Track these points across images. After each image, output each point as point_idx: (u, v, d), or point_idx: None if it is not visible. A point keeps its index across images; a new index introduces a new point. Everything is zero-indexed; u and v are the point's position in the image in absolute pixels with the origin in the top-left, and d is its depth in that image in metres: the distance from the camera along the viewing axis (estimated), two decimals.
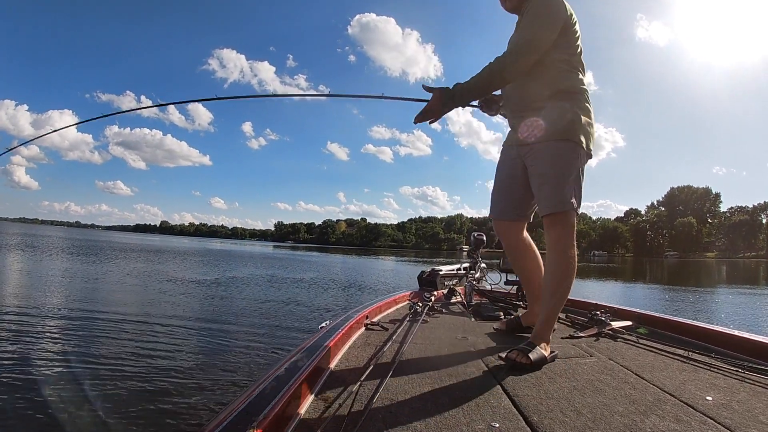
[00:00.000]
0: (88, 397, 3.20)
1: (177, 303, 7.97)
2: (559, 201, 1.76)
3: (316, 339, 1.65)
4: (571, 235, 1.79)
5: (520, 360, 1.56)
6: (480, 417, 1.15)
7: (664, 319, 2.44)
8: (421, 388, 1.37)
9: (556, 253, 1.77)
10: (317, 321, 3.15)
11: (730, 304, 12.93)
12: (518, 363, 1.55)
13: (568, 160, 1.78)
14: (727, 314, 10.30)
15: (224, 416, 0.94)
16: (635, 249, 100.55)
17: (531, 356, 1.56)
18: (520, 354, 1.57)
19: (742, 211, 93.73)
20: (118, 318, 6.22)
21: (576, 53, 1.85)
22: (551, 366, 1.62)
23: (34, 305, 6.87)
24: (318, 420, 1.12)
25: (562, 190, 1.76)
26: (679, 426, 1.10)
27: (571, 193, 1.77)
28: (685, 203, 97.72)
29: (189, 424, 2.91)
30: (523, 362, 1.55)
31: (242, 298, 9.16)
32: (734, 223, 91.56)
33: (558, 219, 1.78)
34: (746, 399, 1.31)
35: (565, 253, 1.76)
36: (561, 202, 1.77)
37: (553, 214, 1.78)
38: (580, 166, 1.82)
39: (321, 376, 1.44)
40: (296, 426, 1.08)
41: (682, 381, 1.47)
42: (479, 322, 2.57)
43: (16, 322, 5.59)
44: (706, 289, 17.69)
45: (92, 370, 3.80)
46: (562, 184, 1.77)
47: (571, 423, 1.11)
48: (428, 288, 3.57)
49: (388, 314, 2.71)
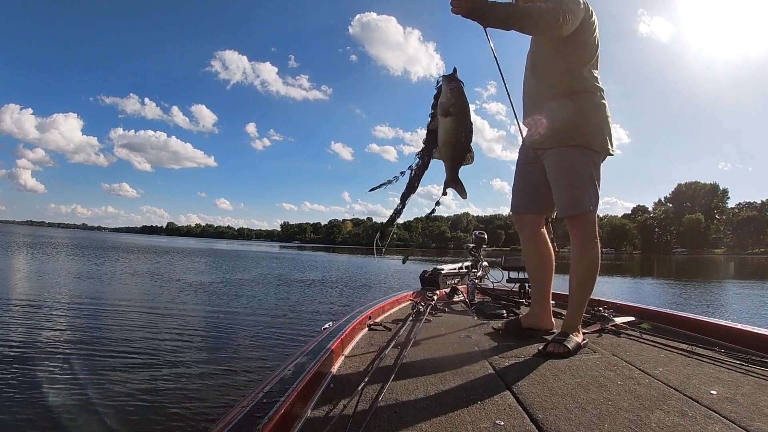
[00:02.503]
0: (94, 397, 3.21)
1: (182, 304, 8.01)
2: (575, 204, 1.86)
3: (319, 340, 1.66)
4: (593, 233, 1.89)
5: (558, 350, 1.68)
6: (485, 415, 1.15)
7: (667, 314, 2.44)
8: (425, 387, 1.37)
9: (580, 251, 1.90)
10: (321, 321, 3.16)
11: (741, 299, 12.79)
12: (557, 354, 1.67)
13: (579, 165, 1.85)
14: (736, 310, 10.19)
15: (231, 417, 0.95)
16: (643, 246, 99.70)
17: (568, 345, 1.70)
18: (557, 345, 1.70)
19: (750, 207, 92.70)
20: (124, 318, 6.29)
21: (592, 49, 1.87)
22: (555, 363, 1.62)
23: (42, 304, 6.96)
24: (323, 421, 1.13)
25: (577, 194, 1.85)
26: (684, 420, 1.09)
27: (586, 195, 1.85)
28: (692, 199, 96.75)
29: (195, 425, 2.92)
30: (562, 351, 1.67)
31: (248, 299, 9.19)
32: (742, 219, 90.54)
33: (577, 220, 1.88)
34: (751, 392, 1.31)
35: (588, 250, 1.89)
36: (576, 205, 1.86)
37: (572, 216, 1.88)
38: (594, 168, 1.87)
39: (325, 377, 1.44)
40: (302, 427, 1.09)
41: (686, 375, 1.47)
42: (482, 321, 2.57)
43: (23, 320, 5.68)
44: (716, 285, 17.53)
45: (98, 371, 3.83)
46: (576, 188, 1.85)
47: (576, 419, 1.11)
48: (430, 287, 3.57)
49: (391, 314, 2.71)
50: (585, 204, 1.86)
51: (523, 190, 2.13)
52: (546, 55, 1.92)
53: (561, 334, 1.80)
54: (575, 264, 1.92)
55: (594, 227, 1.91)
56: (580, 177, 1.86)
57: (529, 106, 2.03)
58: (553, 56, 1.87)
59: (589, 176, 1.86)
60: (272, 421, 0.93)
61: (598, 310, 2.41)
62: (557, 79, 1.88)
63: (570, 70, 1.85)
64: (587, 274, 1.91)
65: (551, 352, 1.68)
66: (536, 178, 2.04)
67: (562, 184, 1.89)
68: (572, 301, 1.93)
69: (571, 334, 1.78)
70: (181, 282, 11.71)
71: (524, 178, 2.12)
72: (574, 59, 1.85)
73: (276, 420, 0.95)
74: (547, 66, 1.91)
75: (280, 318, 7.17)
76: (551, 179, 1.94)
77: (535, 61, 1.98)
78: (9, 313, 6.16)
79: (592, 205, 1.86)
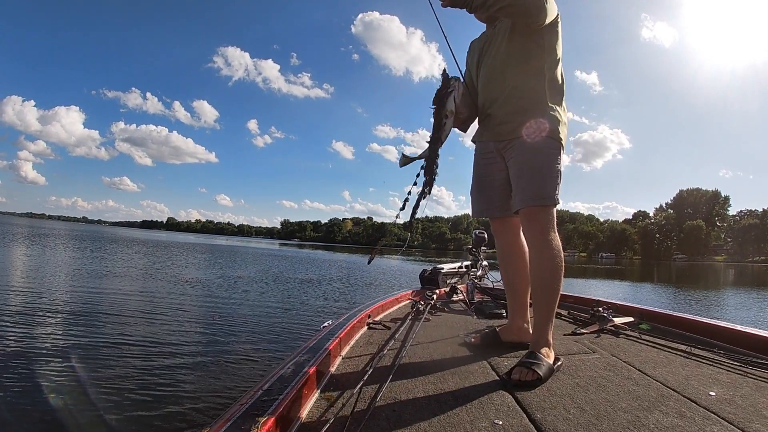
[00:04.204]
0: (92, 395, 3.19)
1: (180, 301, 7.99)
2: (543, 193, 1.68)
3: (318, 338, 1.66)
4: (553, 226, 1.70)
5: (527, 378, 1.40)
6: (483, 414, 1.15)
7: (666, 315, 2.43)
8: (424, 386, 1.37)
9: (542, 248, 1.68)
10: (321, 319, 3.15)
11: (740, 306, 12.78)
12: (526, 382, 1.39)
13: (550, 155, 1.72)
14: (735, 316, 10.18)
15: (228, 416, 0.94)
16: (643, 251, 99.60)
17: (538, 370, 1.41)
18: (525, 371, 1.41)
19: (752, 215, 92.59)
20: (121, 314, 6.26)
21: (560, 49, 1.79)
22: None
23: (39, 297, 6.97)
24: (322, 419, 1.13)
25: (545, 183, 1.69)
26: (682, 421, 1.09)
27: (554, 186, 1.70)
28: (693, 206, 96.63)
29: (192, 424, 2.89)
30: (530, 379, 1.39)
31: (247, 296, 9.19)
32: (743, 226, 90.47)
33: (542, 212, 1.69)
34: (749, 394, 1.31)
35: (551, 245, 1.67)
36: (545, 195, 1.69)
37: (534, 207, 1.69)
38: (560, 162, 1.74)
39: (324, 375, 1.44)
40: (300, 425, 1.09)
41: (685, 376, 1.47)
42: (481, 320, 2.57)
43: (19, 315, 5.66)
44: (714, 293, 17.51)
45: (95, 369, 3.81)
46: (545, 177, 1.69)
47: (575, 420, 1.11)
48: (430, 286, 3.57)
49: (390, 313, 2.71)
50: (553, 195, 1.69)
51: (488, 192, 1.93)
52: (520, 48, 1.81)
53: (529, 355, 1.51)
54: (537, 264, 1.70)
55: (555, 221, 1.71)
56: (552, 166, 1.71)
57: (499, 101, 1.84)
58: (528, 53, 1.76)
59: (559, 169, 1.73)
60: (270, 420, 0.93)
61: (597, 311, 2.41)
62: (531, 75, 1.76)
63: (544, 68, 1.76)
64: (553, 273, 1.66)
65: (518, 380, 1.39)
66: (500, 177, 1.86)
67: (531, 171, 1.71)
68: (538, 310, 1.67)
69: (541, 354, 1.52)
70: (180, 278, 11.71)
71: (486, 178, 1.93)
72: (547, 57, 1.76)
73: (274, 419, 0.94)
74: (521, 61, 1.77)
75: (279, 316, 7.16)
76: (518, 167, 1.75)
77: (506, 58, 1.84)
78: (4, 307, 6.14)
79: (558, 197, 1.71)
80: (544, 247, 1.67)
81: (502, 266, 2.03)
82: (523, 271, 1.90)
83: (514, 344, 1.87)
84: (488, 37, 1.91)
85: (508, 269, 1.99)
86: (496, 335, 1.95)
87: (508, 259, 1.98)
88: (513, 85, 1.77)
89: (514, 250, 1.95)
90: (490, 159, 1.89)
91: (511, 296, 2.00)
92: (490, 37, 1.89)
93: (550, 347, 1.59)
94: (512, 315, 1.98)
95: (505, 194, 1.85)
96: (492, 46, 1.86)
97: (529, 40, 1.75)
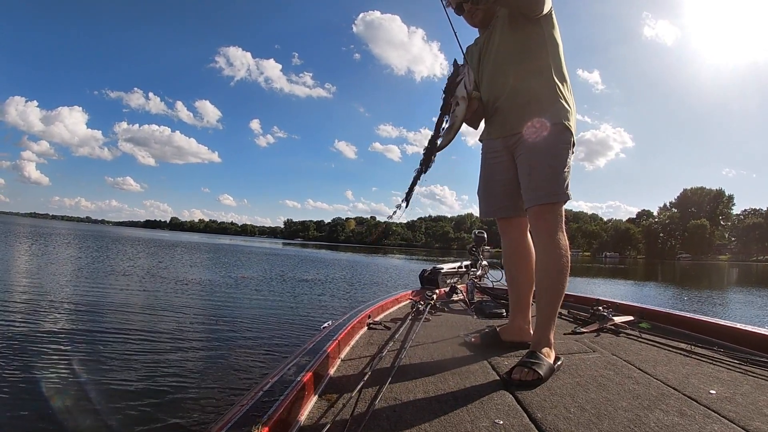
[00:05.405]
0: (92, 396, 3.19)
1: (182, 301, 7.99)
2: (557, 190, 1.65)
3: (318, 339, 1.66)
4: (561, 225, 1.67)
5: (527, 378, 1.40)
6: (484, 414, 1.15)
7: (666, 314, 2.43)
8: (424, 387, 1.37)
9: (549, 246, 1.65)
10: (321, 319, 3.14)
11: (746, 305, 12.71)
12: (526, 382, 1.39)
13: (562, 146, 1.67)
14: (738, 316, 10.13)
15: (229, 417, 0.94)
16: (647, 251, 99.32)
17: (538, 370, 1.42)
18: (525, 371, 1.42)
19: (756, 214, 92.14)
20: (122, 314, 6.27)
21: (559, 37, 1.77)
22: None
23: (40, 296, 6.98)
24: (322, 421, 1.13)
25: (556, 179, 1.65)
26: (683, 420, 1.09)
27: (565, 181, 1.66)
28: (697, 205, 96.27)
29: (193, 425, 2.88)
30: (531, 379, 1.40)
31: (248, 296, 9.19)
32: (747, 225, 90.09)
33: (552, 210, 1.66)
34: (750, 392, 1.30)
35: (559, 245, 1.64)
36: (559, 191, 1.65)
37: (545, 205, 1.66)
38: (572, 154, 1.71)
39: (324, 377, 1.44)
40: (300, 428, 1.09)
41: (686, 375, 1.46)
42: (481, 320, 2.57)
43: (23, 315, 5.68)
44: (719, 292, 17.44)
45: (95, 368, 3.80)
46: (557, 173, 1.65)
47: (575, 419, 1.10)
48: (430, 286, 3.57)
49: (390, 313, 2.71)
50: (564, 190, 1.65)
51: (497, 191, 1.90)
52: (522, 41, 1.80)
53: (530, 355, 1.51)
54: (544, 263, 1.67)
55: (563, 219, 1.68)
56: (563, 160, 1.66)
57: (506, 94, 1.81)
58: (532, 47, 1.74)
59: (569, 163, 1.69)
60: (271, 421, 0.93)
61: (597, 310, 2.41)
62: (538, 68, 1.73)
63: (550, 59, 1.73)
64: (559, 273, 1.64)
65: (518, 380, 1.39)
66: (509, 176, 1.83)
67: (542, 166, 1.67)
68: (542, 309, 1.66)
69: (541, 354, 1.52)
70: (182, 278, 11.73)
71: (495, 177, 1.90)
72: (552, 50, 1.74)
73: (274, 420, 0.94)
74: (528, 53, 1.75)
75: (280, 316, 7.16)
76: (528, 162, 1.71)
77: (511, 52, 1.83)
78: (8, 306, 6.17)
79: (569, 192, 1.67)
80: (552, 247, 1.65)
81: (507, 266, 2.01)
82: (527, 271, 1.90)
83: (514, 344, 1.86)
84: (485, 37, 1.90)
85: (513, 269, 1.97)
86: (497, 335, 1.94)
87: (514, 258, 1.96)
88: (518, 78, 1.75)
89: (519, 250, 1.94)
90: (497, 158, 1.87)
91: (514, 296, 1.98)
92: (488, 36, 1.89)
93: (551, 347, 1.59)
94: (513, 315, 1.97)
95: (513, 194, 1.84)
96: (491, 44, 1.85)
97: (528, 32, 1.74)
